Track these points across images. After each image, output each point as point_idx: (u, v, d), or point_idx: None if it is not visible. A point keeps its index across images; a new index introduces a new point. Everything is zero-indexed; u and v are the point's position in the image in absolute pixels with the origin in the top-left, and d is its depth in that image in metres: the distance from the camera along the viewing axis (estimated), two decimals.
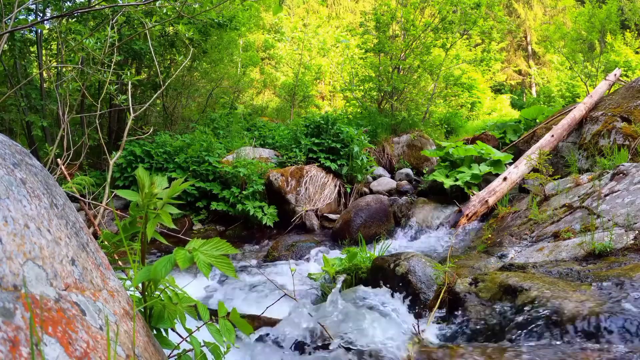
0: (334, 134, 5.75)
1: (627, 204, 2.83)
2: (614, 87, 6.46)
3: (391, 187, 6.09)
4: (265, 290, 3.02)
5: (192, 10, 4.73)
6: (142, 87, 7.25)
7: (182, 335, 1.14)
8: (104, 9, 4.39)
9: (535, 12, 22.54)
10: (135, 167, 5.25)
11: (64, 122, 3.09)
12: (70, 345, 0.64)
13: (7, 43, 5.49)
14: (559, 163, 5.35)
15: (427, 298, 2.18)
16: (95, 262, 0.89)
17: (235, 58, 9.56)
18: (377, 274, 2.56)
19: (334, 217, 5.17)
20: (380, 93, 8.57)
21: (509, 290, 1.83)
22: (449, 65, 9.48)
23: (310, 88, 12.33)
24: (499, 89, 19.87)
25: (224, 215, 5.16)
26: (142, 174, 1.03)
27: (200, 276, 3.18)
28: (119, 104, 3.55)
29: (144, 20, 4.42)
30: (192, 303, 1.12)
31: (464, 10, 8.15)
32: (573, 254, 2.44)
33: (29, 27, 2.59)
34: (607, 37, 10.52)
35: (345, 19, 20.79)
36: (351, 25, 13.95)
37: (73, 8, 5.77)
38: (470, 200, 4.36)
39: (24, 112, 5.86)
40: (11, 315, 0.57)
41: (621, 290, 1.64)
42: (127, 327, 0.85)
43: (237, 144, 6.24)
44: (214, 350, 1.08)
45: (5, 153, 0.81)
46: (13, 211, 0.69)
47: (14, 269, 0.62)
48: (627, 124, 4.84)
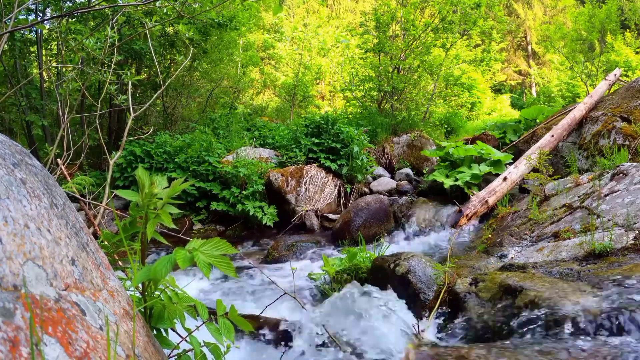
0: (334, 134, 5.75)
1: (627, 204, 2.83)
2: (614, 87, 6.46)
3: (391, 187, 6.09)
4: (265, 290, 3.02)
5: (192, 10, 4.73)
6: (142, 87, 7.25)
7: (182, 335, 1.14)
8: (104, 9, 4.39)
9: (535, 12, 22.54)
10: (135, 167, 5.25)
11: (64, 122, 3.09)
12: (70, 345, 0.64)
13: (7, 43, 5.49)
14: (559, 163, 5.35)
15: (427, 298, 2.18)
16: (95, 262, 0.90)
17: (235, 58, 9.56)
18: (377, 274, 2.56)
19: (334, 217, 5.16)
20: (380, 93, 8.57)
21: (509, 290, 1.83)
22: (449, 65, 9.48)
23: (310, 88, 12.33)
24: (499, 89, 19.87)
25: (224, 215, 5.16)
26: (142, 174, 1.04)
27: (200, 276, 3.18)
28: (119, 104, 3.55)
29: (144, 20, 4.43)
30: (191, 303, 1.12)
31: (464, 10, 8.15)
32: (573, 254, 2.44)
33: (29, 27, 2.59)
34: (607, 37, 10.50)
35: (345, 19, 20.78)
36: (351, 25, 13.94)
37: (73, 8, 5.77)
38: (470, 200, 4.36)
39: (24, 111, 5.86)
40: (11, 315, 0.57)
41: (621, 290, 1.64)
42: (127, 327, 0.85)
43: (237, 144, 6.24)
44: (214, 350, 1.08)
45: (5, 153, 0.81)
46: (13, 211, 0.69)
47: (14, 269, 0.62)
48: (627, 124, 4.84)
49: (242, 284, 3.16)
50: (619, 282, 1.70)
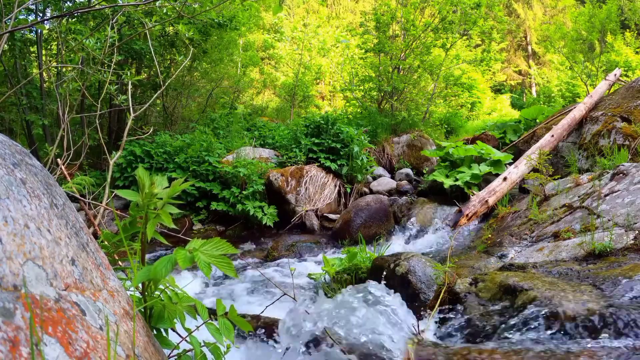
0: (334, 134, 5.75)
1: (627, 204, 2.83)
2: (614, 87, 6.46)
3: (391, 187, 6.09)
4: (265, 290, 3.02)
5: (192, 10, 4.72)
6: (142, 87, 7.25)
7: (182, 335, 1.14)
8: (104, 8, 4.39)
9: (535, 12, 22.54)
10: (135, 167, 5.26)
11: (64, 122, 3.08)
12: (70, 345, 0.64)
13: (7, 43, 5.49)
14: (559, 163, 5.35)
15: (427, 298, 2.18)
16: (95, 262, 0.89)
17: (235, 58, 9.56)
18: (377, 274, 2.56)
19: (334, 217, 5.16)
20: (380, 93, 8.57)
21: (509, 290, 1.83)
22: (449, 65, 9.49)
23: (310, 88, 12.33)
24: (499, 89, 19.87)
25: (224, 215, 5.16)
26: (142, 174, 1.03)
27: (200, 276, 3.18)
28: (119, 104, 3.55)
29: (144, 20, 4.42)
30: (191, 303, 1.12)
31: (464, 10, 8.15)
32: (573, 254, 2.44)
33: (29, 27, 2.59)
34: (607, 37, 10.50)
35: (345, 19, 20.78)
36: (351, 25, 13.94)
37: (73, 8, 5.77)
38: (470, 200, 4.36)
39: (24, 111, 5.86)
40: (11, 315, 0.57)
41: (621, 290, 1.64)
42: (127, 327, 0.85)
43: (237, 144, 6.24)
44: (214, 350, 1.08)
45: (5, 153, 0.81)
46: (13, 211, 0.69)
47: (14, 269, 0.62)
48: (627, 124, 4.84)
49: (242, 284, 3.16)
50: (619, 282, 1.70)
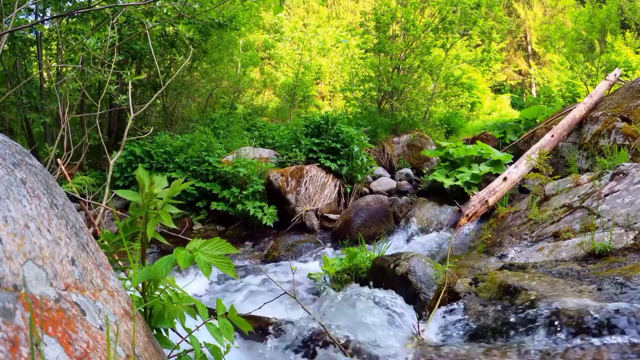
0: (334, 134, 5.75)
1: (627, 204, 2.83)
2: (614, 87, 6.46)
3: (391, 187, 6.09)
4: (265, 290, 3.02)
5: (192, 10, 4.73)
6: (142, 87, 7.25)
7: (182, 335, 1.14)
8: (104, 8, 4.39)
9: (535, 12, 22.54)
10: (135, 167, 5.25)
11: (64, 122, 3.08)
12: (70, 345, 0.64)
13: (8, 43, 5.48)
14: (559, 163, 5.35)
15: (427, 298, 2.18)
16: (95, 262, 0.89)
17: (235, 58, 9.56)
18: (377, 274, 2.56)
19: (334, 217, 5.16)
20: (380, 93, 8.57)
21: (509, 290, 1.83)
22: (449, 65, 9.48)
23: (310, 88, 12.33)
24: (499, 89, 19.87)
25: (224, 215, 5.16)
26: (142, 174, 1.04)
27: (200, 276, 3.18)
28: (119, 104, 3.55)
29: (144, 20, 4.42)
30: (191, 303, 1.12)
31: (464, 10, 8.15)
32: (573, 254, 2.44)
33: (29, 27, 2.59)
34: (607, 37, 10.50)
35: (345, 19, 20.78)
36: (351, 25, 13.93)
37: (73, 8, 5.77)
38: (470, 200, 4.36)
39: (24, 110, 5.86)
40: (11, 315, 0.57)
41: (621, 289, 1.64)
42: (127, 327, 0.85)
43: (237, 144, 6.24)
44: (214, 351, 1.08)
45: (5, 153, 0.81)
46: (13, 211, 0.69)
47: (14, 269, 0.62)
48: (627, 124, 4.84)
49: (242, 284, 3.16)
50: (619, 282, 1.70)
